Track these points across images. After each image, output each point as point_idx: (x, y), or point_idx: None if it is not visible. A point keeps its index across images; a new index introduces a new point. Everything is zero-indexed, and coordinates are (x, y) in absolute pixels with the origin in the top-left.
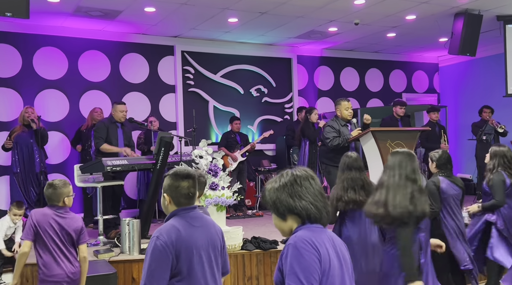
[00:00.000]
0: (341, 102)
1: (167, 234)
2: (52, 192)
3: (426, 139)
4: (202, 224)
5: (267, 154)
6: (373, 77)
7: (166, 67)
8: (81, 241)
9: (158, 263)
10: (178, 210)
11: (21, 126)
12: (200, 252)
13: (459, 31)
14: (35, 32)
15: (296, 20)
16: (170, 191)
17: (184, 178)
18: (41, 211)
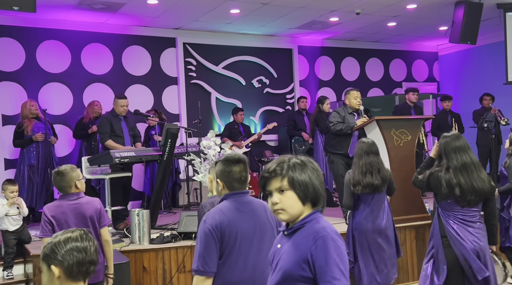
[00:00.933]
0: (350, 92)
1: (213, 217)
2: (61, 179)
3: (438, 127)
4: (252, 208)
5: (270, 144)
6: (374, 67)
7: (168, 59)
8: (102, 225)
9: (207, 245)
10: (227, 194)
11: (31, 120)
12: (245, 236)
13: (460, 20)
14: (38, 26)
15: (298, 11)
16: (223, 176)
17: (235, 162)
18: (54, 204)
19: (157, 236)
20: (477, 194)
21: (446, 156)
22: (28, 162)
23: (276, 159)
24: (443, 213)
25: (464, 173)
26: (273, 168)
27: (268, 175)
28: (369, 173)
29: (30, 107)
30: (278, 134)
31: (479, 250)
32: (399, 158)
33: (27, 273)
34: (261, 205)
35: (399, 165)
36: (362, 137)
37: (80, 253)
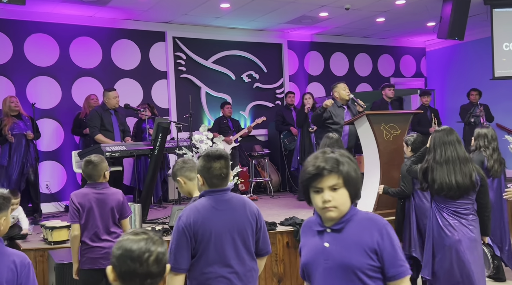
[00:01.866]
0: (337, 85)
1: (187, 215)
2: (93, 168)
3: (418, 123)
4: (228, 207)
5: (259, 139)
6: (362, 62)
7: (158, 54)
8: (125, 216)
9: (178, 242)
10: (206, 191)
11: (11, 118)
12: (219, 234)
13: (448, 16)
14: (26, 19)
15: (288, 5)
16: (203, 172)
17: (216, 158)
18: (81, 192)
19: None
20: (458, 188)
21: (434, 150)
22: (0, 163)
23: (319, 154)
24: (437, 205)
25: (445, 167)
26: (325, 165)
27: (319, 171)
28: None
29: (10, 104)
30: (267, 129)
31: (471, 241)
32: (388, 152)
33: None
34: (241, 201)
35: (388, 159)
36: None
37: (134, 263)
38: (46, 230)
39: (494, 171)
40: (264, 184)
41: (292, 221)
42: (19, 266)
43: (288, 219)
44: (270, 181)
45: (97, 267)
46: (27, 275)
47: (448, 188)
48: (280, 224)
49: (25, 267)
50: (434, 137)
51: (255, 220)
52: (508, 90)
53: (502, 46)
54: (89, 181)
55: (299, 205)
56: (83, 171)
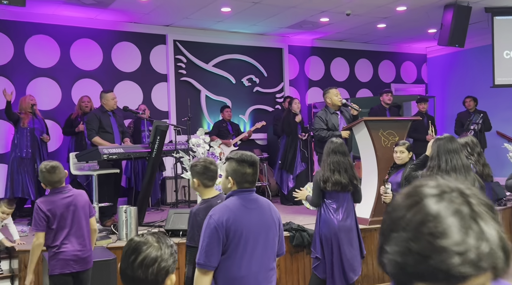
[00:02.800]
0: (329, 90)
1: (220, 213)
2: (60, 172)
3: (414, 129)
4: (257, 206)
5: (259, 143)
6: (363, 68)
7: (158, 56)
8: (91, 214)
9: (210, 241)
10: (235, 191)
11: (28, 114)
12: (250, 233)
13: (449, 23)
14: (27, 20)
15: (289, 10)
16: (235, 175)
17: (250, 164)
18: (49, 199)
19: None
20: None
21: (438, 158)
22: (20, 154)
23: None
24: None
25: (452, 176)
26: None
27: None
28: (337, 171)
29: (29, 101)
30: (267, 133)
31: None
32: (386, 159)
33: (13, 269)
34: (266, 202)
35: (386, 165)
36: (332, 138)
37: (123, 263)
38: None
39: (486, 174)
40: (262, 188)
41: (288, 227)
42: None
43: (285, 225)
44: (269, 185)
45: (68, 271)
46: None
47: None
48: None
49: None
50: (438, 145)
51: (278, 221)
52: (509, 98)
53: (503, 54)
54: (53, 187)
55: (296, 210)
56: (49, 179)
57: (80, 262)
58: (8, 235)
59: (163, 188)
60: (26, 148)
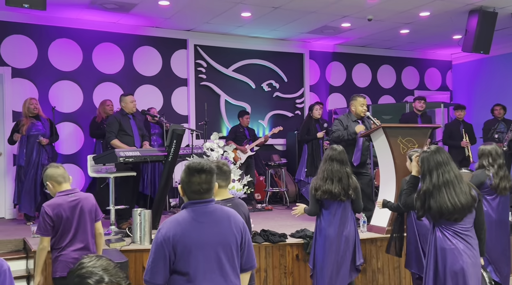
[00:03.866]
0: (357, 98)
1: (167, 228)
2: (63, 171)
3: (449, 136)
4: (212, 219)
5: (278, 148)
6: (386, 74)
7: (179, 61)
8: (97, 218)
9: (156, 256)
10: (188, 203)
11: (29, 119)
12: (200, 249)
13: (474, 29)
14: (50, 24)
15: (309, 15)
16: (182, 184)
17: (196, 172)
18: (55, 202)
19: None
20: (463, 208)
21: (429, 174)
22: (18, 162)
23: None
24: (439, 228)
25: (447, 190)
26: None
27: None
28: (329, 179)
29: (29, 106)
30: (286, 138)
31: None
32: (405, 166)
33: (29, 269)
34: (225, 215)
35: (404, 174)
36: (333, 144)
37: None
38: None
39: (502, 189)
40: (280, 194)
41: (303, 233)
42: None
43: (299, 231)
44: (287, 191)
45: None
46: (2, 283)
47: (450, 212)
48: (290, 236)
49: (0, 275)
50: (426, 159)
51: (240, 233)
52: None
53: None
54: (60, 188)
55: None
56: (56, 176)
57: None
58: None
59: None
60: (24, 156)
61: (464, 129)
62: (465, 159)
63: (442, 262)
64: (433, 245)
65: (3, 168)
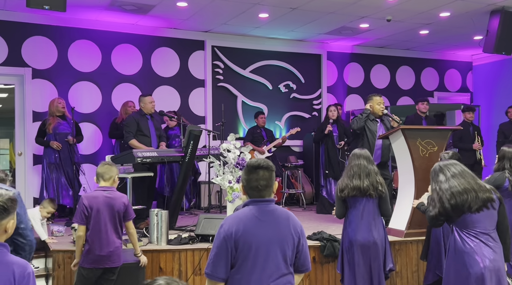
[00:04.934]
0: (373, 97)
1: (230, 224)
2: (108, 168)
3: (460, 139)
4: (272, 218)
5: (294, 150)
6: (404, 75)
7: (196, 62)
8: (128, 218)
9: (218, 250)
10: (249, 201)
11: (55, 118)
12: (261, 246)
13: (495, 29)
14: (70, 25)
15: (327, 16)
16: (243, 182)
17: (254, 169)
18: (92, 194)
19: (174, 237)
20: (477, 195)
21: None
22: (49, 160)
23: None
24: (459, 229)
25: (455, 179)
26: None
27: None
28: (357, 175)
29: (57, 104)
30: (303, 140)
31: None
32: (424, 169)
33: (47, 268)
34: (285, 214)
35: (423, 176)
36: (356, 150)
37: None
38: (75, 232)
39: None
40: (297, 196)
41: (319, 236)
42: (18, 277)
43: (316, 233)
44: (303, 193)
45: (101, 267)
46: (26, 283)
47: (461, 194)
48: (307, 238)
49: (24, 279)
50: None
51: (298, 235)
52: None
53: None
54: (102, 183)
55: (329, 219)
56: (99, 170)
57: (104, 260)
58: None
59: (198, 192)
60: (54, 153)
61: (476, 132)
62: (476, 162)
63: (462, 265)
64: (453, 248)
65: (23, 168)
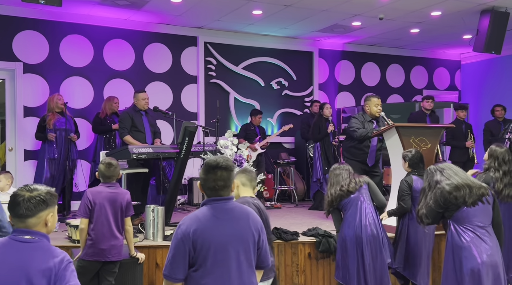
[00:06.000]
0: (371, 99)
1: (188, 223)
2: (114, 170)
3: (452, 137)
4: (231, 217)
5: (286, 146)
6: (394, 73)
7: (189, 58)
8: (128, 214)
9: (176, 251)
10: (207, 200)
11: (55, 114)
12: (220, 245)
13: (485, 29)
14: (62, 20)
15: (320, 14)
16: (201, 180)
17: (211, 169)
18: (96, 190)
19: (171, 233)
20: (470, 185)
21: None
22: (49, 155)
23: None
24: (455, 224)
25: (448, 170)
26: None
27: None
28: (337, 184)
29: (57, 101)
30: (295, 137)
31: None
32: None
33: None
34: (244, 212)
35: None
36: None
37: None
38: (71, 228)
39: (504, 196)
40: (288, 192)
41: (314, 232)
42: (57, 264)
43: (311, 229)
44: (295, 189)
45: (101, 260)
46: (64, 270)
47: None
48: (302, 234)
49: (62, 264)
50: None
51: (258, 232)
52: None
53: None
54: (103, 181)
55: (322, 215)
56: (104, 171)
57: (105, 253)
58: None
59: (190, 188)
60: (54, 149)
61: (468, 130)
62: (469, 160)
63: (459, 259)
64: (450, 243)
65: (13, 163)
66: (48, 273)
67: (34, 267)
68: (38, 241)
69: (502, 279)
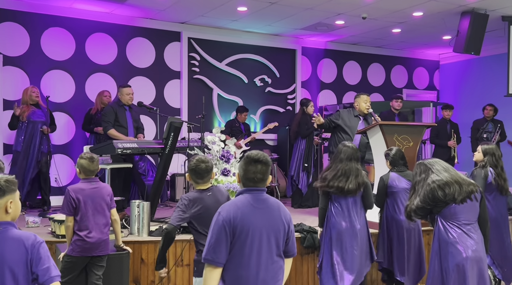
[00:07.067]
0: (360, 96)
1: (228, 210)
2: (96, 164)
3: (437, 135)
4: (265, 206)
5: (269, 143)
6: (375, 72)
7: (172, 53)
8: (112, 206)
9: (218, 237)
10: (244, 189)
11: (30, 106)
12: (257, 232)
13: (465, 30)
14: (44, 12)
15: (305, 12)
16: (240, 172)
17: (253, 162)
18: (79, 187)
19: (156, 229)
20: (458, 181)
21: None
22: (15, 148)
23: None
24: (443, 219)
25: (437, 166)
26: None
27: None
28: (345, 177)
29: (31, 93)
30: (277, 134)
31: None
32: None
33: None
34: (276, 203)
35: None
36: (345, 141)
37: None
38: (54, 223)
39: (506, 190)
40: (271, 189)
41: (299, 228)
42: (29, 246)
43: (296, 226)
44: (278, 186)
45: (89, 255)
46: (37, 252)
47: (445, 181)
48: None
49: (34, 247)
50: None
51: (288, 223)
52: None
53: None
54: (85, 176)
55: (305, 212)
56: (86, 166)
57: (92, 248)
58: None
59: (173, 185)
60: (22, 142)
61: (453, 130)
62: (450, 158)
63: (444, 254)
64: (437, 238)
65: None
66: (24, 258)
67: (10, 257)
68: (4, 231)
69: (485, 274)
